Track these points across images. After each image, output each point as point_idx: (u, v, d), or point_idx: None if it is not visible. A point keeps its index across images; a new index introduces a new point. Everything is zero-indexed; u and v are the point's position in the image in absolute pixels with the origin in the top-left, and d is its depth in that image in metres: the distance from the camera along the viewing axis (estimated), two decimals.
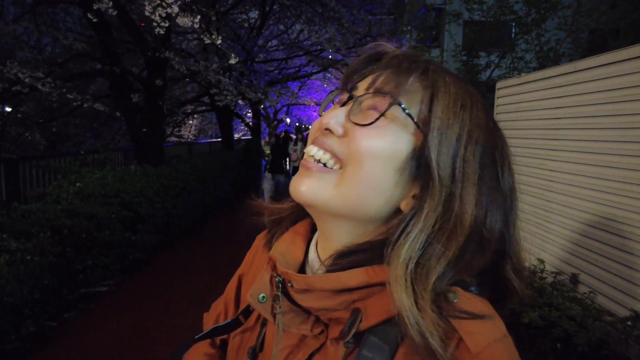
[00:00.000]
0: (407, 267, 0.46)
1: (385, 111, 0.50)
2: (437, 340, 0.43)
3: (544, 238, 2.99)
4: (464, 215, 0.48)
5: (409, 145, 0.50)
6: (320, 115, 0.57)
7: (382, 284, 0.49)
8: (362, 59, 0.59)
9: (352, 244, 0.54)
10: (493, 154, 0.53)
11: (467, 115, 0.51)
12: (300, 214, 0.67)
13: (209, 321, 0.79)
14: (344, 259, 0.53)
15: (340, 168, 0.52)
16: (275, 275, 0.57)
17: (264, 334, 0.62)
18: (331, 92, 0.61)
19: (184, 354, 0.78)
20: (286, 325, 0.56)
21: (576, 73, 2.71)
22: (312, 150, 0.54)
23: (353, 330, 0.49)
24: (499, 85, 3.86)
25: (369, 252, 0.52)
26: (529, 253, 3.14)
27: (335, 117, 0.53)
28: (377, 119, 0.50)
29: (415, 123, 0.50)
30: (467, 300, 0.47)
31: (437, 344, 0.42)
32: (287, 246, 0.62)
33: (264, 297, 0.57)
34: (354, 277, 0.50)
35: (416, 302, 0.44)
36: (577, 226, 2.67)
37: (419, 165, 0.50)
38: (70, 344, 3.17)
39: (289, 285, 0.55)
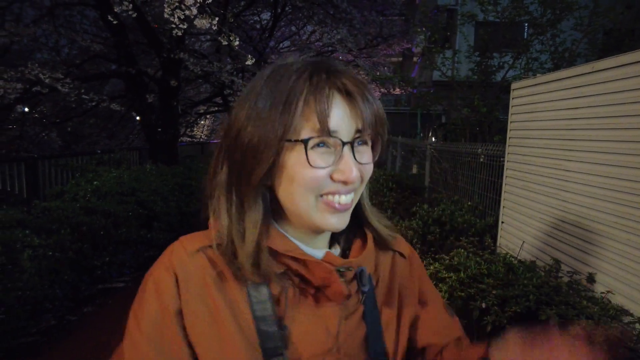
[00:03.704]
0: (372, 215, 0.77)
1: (382, 149, 0.68)
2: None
3: (559, 238, 2.98)
4: None
5: None
6: (311, 164, 0.59)
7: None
8: (330, 103, 0.60)
9: None
10: None
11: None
12: None
13: None
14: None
15: None
16: (337, 267, 0.68)
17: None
18: (310, 139, 0.59)
19: None
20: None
21: (592, 74, 2.70)
22: (348, 198, 0.64)
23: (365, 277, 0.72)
24: (514, 86, 3.86)
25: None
26: (546, 253, 3.13)
27: (355, 170, 0.61)
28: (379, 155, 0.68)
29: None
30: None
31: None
32: (288, 243, 0.67)
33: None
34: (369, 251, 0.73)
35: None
36: (593, 226, 2.66)
37: None
38: (89, 337, 3.25)
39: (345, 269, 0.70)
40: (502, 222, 3.88)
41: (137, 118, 9.63)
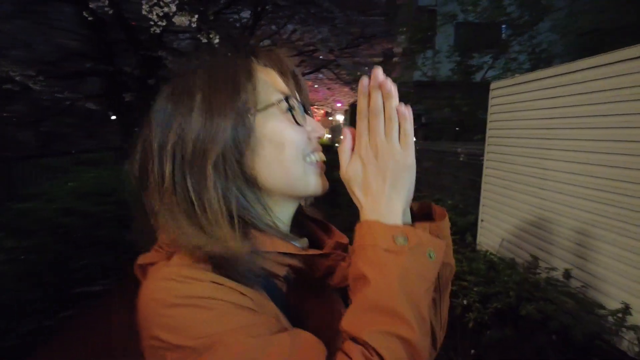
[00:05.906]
0: None
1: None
2: None
3: (537, 235, 3.05)
4: None
5: None
6: (298, 122, 0.61)
7: None
8: (296, 74, 0.67)
9: None
10: None
11: None
12: None
13: None
14: None
15: None
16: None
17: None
18: (289, 97, 0.62)
19: None
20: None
21: (570, 74, 2.78)
22: (324, 156, 0.65)
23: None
24: (493, 86, 3.93)
25: None
26: (524, 250, 3.21)
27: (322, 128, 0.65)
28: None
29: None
30: None
31: None
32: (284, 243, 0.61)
33: None
34: None
35: None
36: (569, 223, 2.74)
37: None
38: (69, 341, 3.17)
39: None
40: (482, 221, 3.94)
41: (113, 117, 9.45)
